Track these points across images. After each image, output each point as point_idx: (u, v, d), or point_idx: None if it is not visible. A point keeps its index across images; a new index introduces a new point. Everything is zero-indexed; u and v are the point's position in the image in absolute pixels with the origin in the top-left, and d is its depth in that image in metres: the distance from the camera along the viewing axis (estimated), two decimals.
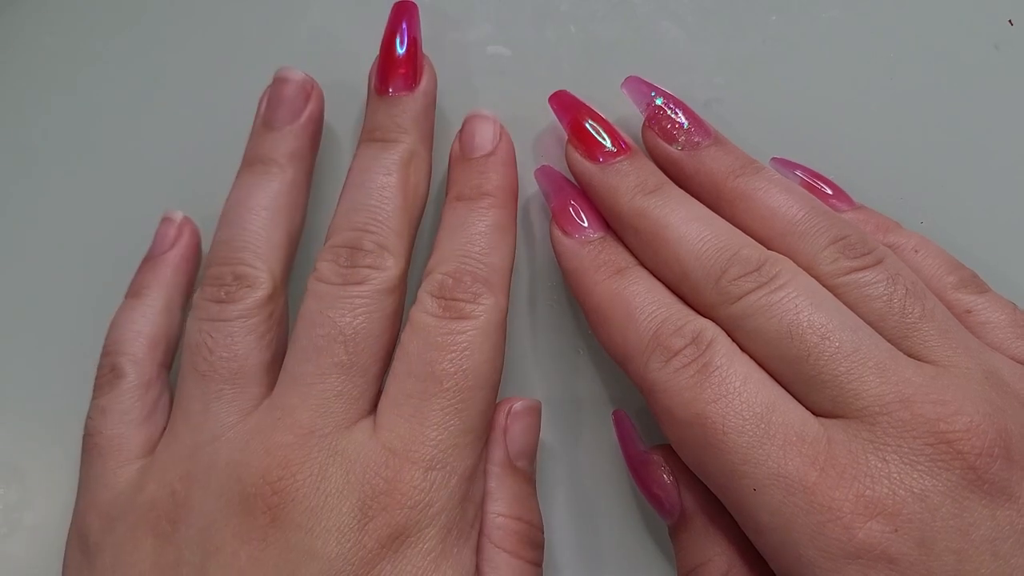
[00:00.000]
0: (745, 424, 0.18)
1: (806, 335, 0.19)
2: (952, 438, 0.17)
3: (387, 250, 0.22)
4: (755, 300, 0.20)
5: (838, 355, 0.19)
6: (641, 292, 0.21)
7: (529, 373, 0.25)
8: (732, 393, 0.19)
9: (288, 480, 0.19)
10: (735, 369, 0.19)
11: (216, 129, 0.27)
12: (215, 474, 0.20)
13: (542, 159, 0.26)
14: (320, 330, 0.21)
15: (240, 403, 0.21)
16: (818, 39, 0.27)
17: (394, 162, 0.23)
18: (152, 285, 0.24)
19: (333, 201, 0.23)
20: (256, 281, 0.22)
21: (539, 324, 0.26)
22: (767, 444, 0.18)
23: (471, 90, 0.27)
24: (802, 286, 0.20)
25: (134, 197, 0.27)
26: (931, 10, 0.27)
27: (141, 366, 0.23)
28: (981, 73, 0.27)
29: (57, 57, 0.28)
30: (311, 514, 0.19)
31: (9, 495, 0.25)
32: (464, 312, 0.21)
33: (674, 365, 0.20)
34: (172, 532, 0.20)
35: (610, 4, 0.27)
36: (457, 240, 0.22)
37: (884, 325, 0.20)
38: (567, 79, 0.25)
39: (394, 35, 0.24)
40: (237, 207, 0.23)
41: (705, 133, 0.23)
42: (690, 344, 0.20)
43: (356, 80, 0.26)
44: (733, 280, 0.20)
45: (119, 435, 0.22)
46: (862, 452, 0.18)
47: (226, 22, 0.28)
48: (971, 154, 0.26)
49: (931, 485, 0.17)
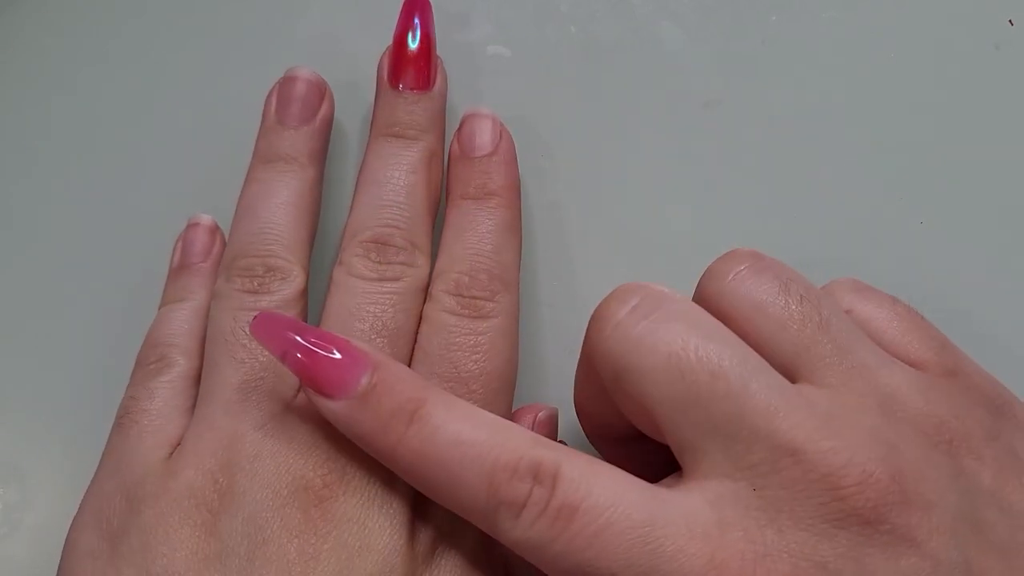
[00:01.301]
0: (632, 555, 0.16)
1: (697, 372, 0.17)
2: (845, 495, 0.16)
3: (418, 248, 0.22)
4: None
5: (728, 396, 0.17)
6: (450, 436, 0.18)
7: (529, 373, 0.25)
8: (604, 529, 0.16)
9: (339, 473, 0.19)
10: (596, 496, 0.17)
11: (215, 129, 0.27)
12: (261, 464, 0.19)
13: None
14: (362, 324, 0.21)
15: (281, 392, 0.20)
16: (818, 39, 0.27)
17: (419, 160, 0.23)
18: (196, 289, 0.24)
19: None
20: (290, 274, 0.22)
21: (538, 324, 0.26)
22: (660, 565, 0.16)
23: (471, 90, 0.27)
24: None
25: (134, 197, 0.27)
26: (931, 10, 0.27)
27: (190, 359, 0.22)
28: (981, 73, 0.27)
29: (57, 57, 0.28)
30: (363, 507, 0.19)
31: (9, 495, 0.25)
32: (484, 310, 0.21)
33: (527, 519, 0.17)
34: (214, 522, 0.19)
35: (610, 4, 0.27)
36: (468, 239, 0.22)
37: (783, 336, 0.18)
38: (567, 79, 0.25)
39: (406, 28, 0.24)
40: (262, 200, 0.23)
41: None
42: (534, 485, 0.17)
43: (356, 78, 0.26)
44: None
45: (164, 418, 0.21)
46: (756, 528, 0.16)
47: (226, 22, 0.28)
48: (971, 154, 0.26)
49: (830, 550, 0.16)
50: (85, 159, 0.27)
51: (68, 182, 0.27)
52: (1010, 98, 0.26)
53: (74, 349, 0.25)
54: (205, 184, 0.26)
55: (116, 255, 0.26)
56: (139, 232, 0.25)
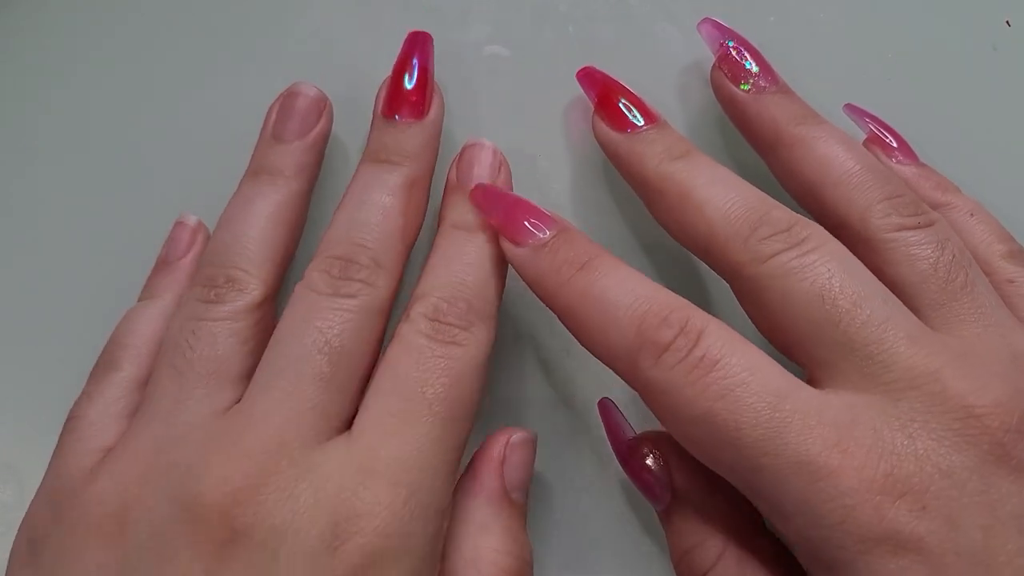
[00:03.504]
0: (758, 417, 0.17)
1: (838, 300, 0.18)
2: (980, 412, 0.17)
3: (382, 268, 0.22)
4: (786, 261, 0.19)
5: (869, 323, 0.18)
6: (614, 284, 0.20)
7: (528, 373, 0.25)
8: (740, 386, 0.18)
9: (251, 492, 0.18)
10: (737, 359, 0.18)
11: (215, 130, 0.27)
12: (173, 476, 0.19)
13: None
14: (304, 337, 0.20)
15: (211, 405, 0.20)
16: (816, 40, 0.27)
17: (398, 184, 0.23)
18: (166, 288, 0.24)
19: (328, 216, 0.23)
20: (247, 286, 0.22)
21: (539, 324, 0.26)
22: (785, 433, 0.17)
23: (469, 90, 0.27)
24: (833, 251, 0.19)
25: (133, 196, 0.27)
26: (929, 11, 0.27)
27: (138, 362, 0.22)
28: (979, 74, 0.27)
29: (57, 57, 0.28)
30: (276, 533, 0.18)
31: (5, 495, 0.25)
32: (458, 339, 0.20)
33: (667, 362, 0.18)
34: (119, 534, 0.19)
35: (608, 4, 0.27)
36: (454, 267, 0.22)
37: (924, 288, 0.19)
38: (565, 79, 0.25)
39: (405, 64, 0.24)
40: (238, 212, 0.23)
41: (772, 80, 0.23)
42: (680, 335, 0.18)
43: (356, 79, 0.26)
44: (763, 239, 0.19)
45: (98, 423, 0.21)
46: (887, 430, 0.17)
47: (227, 22, 0.28)
48: (970, 154, 0.26)
49: (958, 461, 0.17)
50: (84, 159, 0.27)
51: (68, 182, 0.27)
52: (1008, 98, 0.26)
53: (72, 348, 0.25)
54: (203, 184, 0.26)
55: (115, 254, 0.26)
56: (139, 231, 0.25)
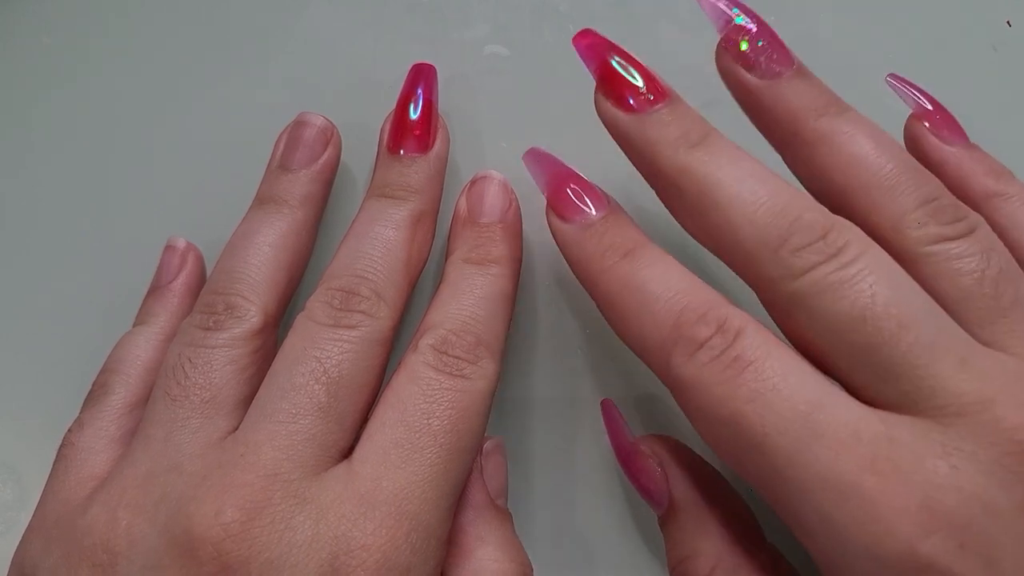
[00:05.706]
0: (788, 424, 0.16)
1: (881, 321, 0.17)
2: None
3: (384, 300, 0.21)
4: (823, 276, 0.17)
5: (916, 346, 0.17)
6: (655, 276, 0.19)
7: (529, 373, 0.25)
8: (771, 390, 0.17)
9: (244, 524, 0.18)
10: (772, 363, 0.17)
11: (215, 130, 0.27)
12: (165, 507, 0.18)
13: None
14: (302, 367, 0.20)
15: (206, 434, 0.20)
16: (815, 40, 0.27)
17: (403, 218, 0.23)
18: (158, 313, 0.24)
19: (335, 245, 0.23)
20: (246, 313, 0.21)
21: (539, 324, 0.26)
22: (815, 446, 0.16)
23: (469, 90, 0.27)
24: (876, 261, 0.17)
25: (133, 199, 0.27)
26: (929, 11, 0.27)
27: (130, 387, 0.22)
28: (979, 74, 0.27)
29: (57, 57, 0.28)
30: (271, 567, 0.17)
31: (5, 495, 0.25)
32: (465, 372, 0.20)
33: (700, 359, 0.18)
34: (109, 564, 0.18)
35: (608, 4, 0.27)
36: (464, 301, 0.22)
37: (969, 305, 0.18)
38: (565, 79, 0.25)
39: (409, 98, 0.24)
40: (242, 241, 0.23)
41: (787, 61, 0.20)
42: (716, 333, 0.18)
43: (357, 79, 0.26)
44: (796, 251, 0.18)
45: (90, 450, 0.21)
46: (930, 456, 0.16)
47: (227, 22, 0.28)
48: None
49: (1005, 500, 0.16)
50: (84, 160, 0.27)
51: (68, 181, 0.27)
52: (1008, 99, 0.26)
53: (71, 350, 0.25)
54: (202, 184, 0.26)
55: (115, 257, 0.26)
56: (138, 234, 0.25)
